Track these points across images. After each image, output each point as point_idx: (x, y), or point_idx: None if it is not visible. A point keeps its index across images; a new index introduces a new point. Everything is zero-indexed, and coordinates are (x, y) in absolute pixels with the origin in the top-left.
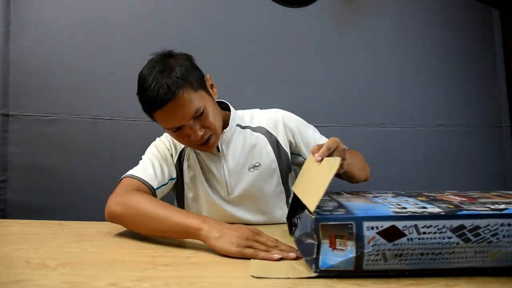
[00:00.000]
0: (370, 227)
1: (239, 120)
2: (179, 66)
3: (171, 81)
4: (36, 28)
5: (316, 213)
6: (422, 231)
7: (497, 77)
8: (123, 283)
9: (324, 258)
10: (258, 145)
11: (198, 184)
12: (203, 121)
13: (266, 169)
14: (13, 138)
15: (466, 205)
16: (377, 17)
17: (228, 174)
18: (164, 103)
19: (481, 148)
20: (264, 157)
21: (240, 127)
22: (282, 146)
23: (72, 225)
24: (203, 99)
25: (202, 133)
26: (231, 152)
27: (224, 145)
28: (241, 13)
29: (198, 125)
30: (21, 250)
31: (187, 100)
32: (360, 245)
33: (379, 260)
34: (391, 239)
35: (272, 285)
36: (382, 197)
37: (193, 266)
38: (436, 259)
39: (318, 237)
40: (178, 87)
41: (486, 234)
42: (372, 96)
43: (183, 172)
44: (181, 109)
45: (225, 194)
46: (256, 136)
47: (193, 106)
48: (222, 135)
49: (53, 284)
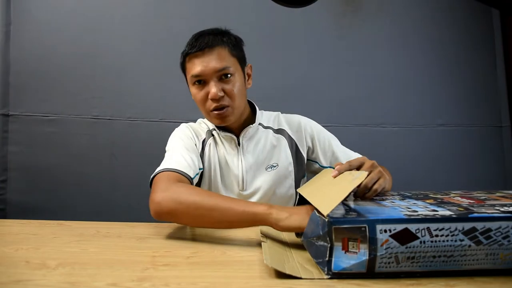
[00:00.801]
0: (383, 230)
1: (262, 120)
2: (229, 34)
3: (215, 37)
4: (36, 28)
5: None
6: (434, 233)
7: (497, 77)
8: (123, 283)
9: (337, 260)
10: (278, 147)
11: (212, 178)
12: (226, 85)
13: (282, 171)
14: (13, 138)
15: (476, 207)
16: (377, 17)
17: (245, 169)
18: (200, 48)
19: (481, 148)
20: (282, 158)
21: (262, 127)
22: (300, 151)
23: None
24: (235, 68)
25: (221, 94)
26: (251, 149)
27: (246, 140)
28: (241, 13)
29: (221, 86)
30: (21, 250)
31: (221, 55)
32: (373, 248)
33: (392, 262)
34: (404, 242)
35: (272, 285)
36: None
37: (193, 266)
38: (447, 262)
39: (331, 240)
40: (219, 43)
41: (497, 236)
42: (372, 96)
43: (204, 163)
44: (213, 60)
45: (238, 189)
46: (277, 138)
47: (223, 63)
48: (245, 130)
49: (53, 284)
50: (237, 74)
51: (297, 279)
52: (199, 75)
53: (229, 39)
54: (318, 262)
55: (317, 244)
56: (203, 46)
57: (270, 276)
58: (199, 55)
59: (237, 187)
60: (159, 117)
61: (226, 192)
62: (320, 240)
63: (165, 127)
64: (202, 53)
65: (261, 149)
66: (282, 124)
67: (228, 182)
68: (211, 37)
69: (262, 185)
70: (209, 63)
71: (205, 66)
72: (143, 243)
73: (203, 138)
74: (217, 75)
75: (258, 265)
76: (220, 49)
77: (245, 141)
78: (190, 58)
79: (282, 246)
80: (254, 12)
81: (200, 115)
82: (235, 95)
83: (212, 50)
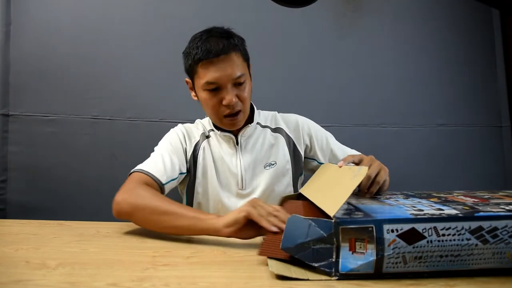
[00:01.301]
0: (390, 229)
1: (260, 119)
2: (238, 37)
3: (228, 42)
4: (36, 28)
5: (335, 217)
6: (441, 233)
7: (497, 77)
8: (123, 283)
9: (344, 261)
10: (276, 145)
11: (209, 179)
12: (240, 92)
13: (280, 169)
14: (13, 138)
15: (481, 206)
16: (377, 17)
17: (244, 168)
18: (217, 54)
19: (481, 148)
20: (280, 157)
21: (260, 126)
22: (298, 149)
23: (72, 225)
24: (246, 73)
25: (236, 100)
26: (249, 148)
27: (244, 139)
28: (241, 13)
29: (236, 92)
30: (21, 250)
31: (236, 62)
32: (381, 248)
33: (399, 262)
34: (411, 241)
35: (272, 285)
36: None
37: (193, 266)
38: (454, 261)
39: (338, 241)
40: (233, 48)
41: (504, 235)
42: (372, 96)
43: (196, 166)
44: (229, 67)
45: (237, 188)
46: (275, 136)
47: (239, 70)
48: (244, 129)
49: (53, 284)
50: (247, 79)
51: (297, 280)
52: (215, 82)
53: (237, 41)
54: (321, 265)
55: (314, 247)
56: (219, 52)
57: (270, 276)
58: (215, 62)
59: (235, 186)
60: (159, 117)
61: (223, 192)
62: (320, 243)
63: (165, 127)
64: (217, 59)
65: (259, 148)
66: (279, 123)
67: (225, 182)
68: (224, 42)
69: (261, 184)
70: (226, 70)
71: (222, 74)
72: (143, 243)
73: (197, 141)
74: (233, 82)
75: (258, 265)
76: (235, 55)
77: (244, 140)
78: (204, 63)
79: None
80: (254, 12)
81: (198, 116)
82: (246, 99)
83: (227, 57)
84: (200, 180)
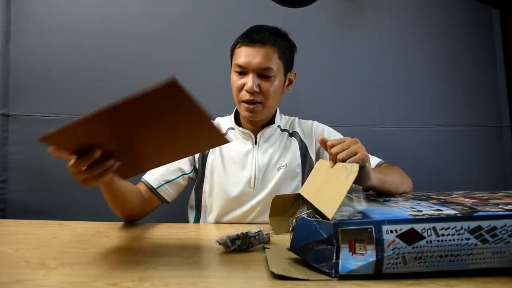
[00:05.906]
0: (389, 230)
1: (281, 122)
2: (285, 37)
3: (270, 35)
4: (36, 28)
5: (335, 218)
6: (440, 233)
7: (497, 77)
8: (123, 283)
9: (344, 262)
10: (290, 148)
11: (216, 178)
12: (264, 83)
13: (290, 171)
14: (13, 138)
15: (479, 206)
16: (377, 17)
17: (258, 169)
18: (253, 41)
19: (481, 148)
20: (291, 159)
21: (280, 129)
22: (309, 154)
23: (72, 225)
24: (278, 71)
25: (257, 90)
26: (266, 148)
27: (263, 140)
28: (241, 13)
29: (258, 82)
30: (21, 250)
31: (269, 55)
32: (380, 248)
33: (399, 263)
34: (410, 242)
35: (272, 285)
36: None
37: (193, 266)
38: (454, 261)
39: (338, 242)
40: (272, 42)
41: (503, 234)
42: (372, 96)
43: (205, 166)
44: (259, 56)
45: (249, 186)
46: (290, 140)
47: (269, 63)
48: (264, 130)
49: (53, 284)
50: (278, 76)
51: (297, 280)
52: (242, 65)
53: (283, 41)
54: (322, 266)
55: (316, 248)
56: (256, 40)
57: (270, 276)
58: (249, 47)
59: (247, 184)
60: None
61: (233, 189)
62: (322, 244)
63: None
64: (252, 46)
65: (275, 151)
66: (295, 128)
67: (235, 181)
68: (267, 34)
69: (271, 184)
70: (255, 58)
71: (250, 60)
72: (143, 243)
73: None
74: (258, 71)
75: (258, 265)
76: (270, 49)
77: (262, 141)
78: (240, 46)
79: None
80: (254, 12)
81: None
82: (270, 95)
83: (262, 47)
84: (208, 179)
